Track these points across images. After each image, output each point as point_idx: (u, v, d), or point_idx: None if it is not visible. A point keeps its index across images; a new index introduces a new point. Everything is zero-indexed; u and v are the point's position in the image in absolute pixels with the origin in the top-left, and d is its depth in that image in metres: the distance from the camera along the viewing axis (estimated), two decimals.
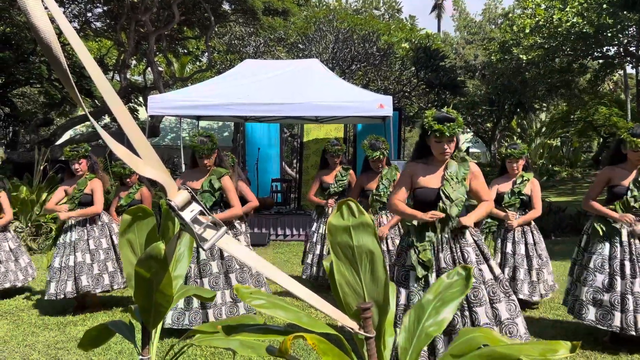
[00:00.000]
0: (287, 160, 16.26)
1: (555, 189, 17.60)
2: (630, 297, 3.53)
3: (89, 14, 15.50)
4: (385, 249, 4.85)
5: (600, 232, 3.73)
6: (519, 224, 4.64)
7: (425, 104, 18.08)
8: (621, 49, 16.75)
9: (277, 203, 10.35)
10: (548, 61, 16.94)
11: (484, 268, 2.96)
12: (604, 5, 13.32)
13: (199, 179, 4.22)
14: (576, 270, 3.96)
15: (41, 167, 9.42)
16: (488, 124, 23.86)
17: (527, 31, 15.75)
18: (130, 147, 1.18)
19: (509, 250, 4.62)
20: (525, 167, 4.74)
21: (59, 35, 1.18)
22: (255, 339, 1.51)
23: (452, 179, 2.98)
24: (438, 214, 2.96)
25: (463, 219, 3.04)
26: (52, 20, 0.97)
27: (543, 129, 24.91)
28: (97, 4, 14.93)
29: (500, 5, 25.50)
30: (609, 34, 14.34)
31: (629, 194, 3.63)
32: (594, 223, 3.81)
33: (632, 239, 3.64)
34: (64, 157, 5.07)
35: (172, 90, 12.73)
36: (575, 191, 16.79)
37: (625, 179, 3.68)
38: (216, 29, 16.04)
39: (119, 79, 16.04)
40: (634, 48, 16.44)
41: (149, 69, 15.91)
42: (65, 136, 17.99)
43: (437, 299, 1.57)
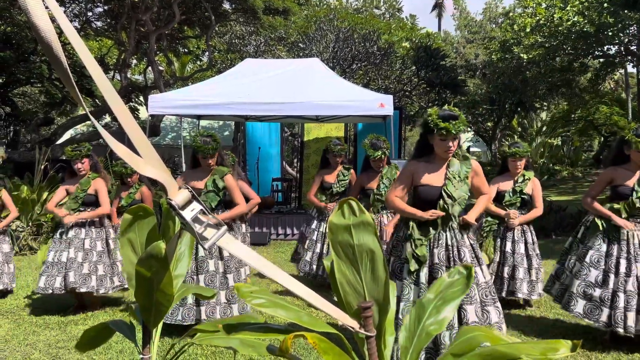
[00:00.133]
0: (287, 160, 16.26)
1: (556, 188, 17.58)
2: (621, 294, 3.55)
3: (90, 13, 15.52)
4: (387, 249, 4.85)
5: (601, 227, 3.74)
6: (520, 223, 4.64)
7: (426, 103, 18.08)
8: (622, 48, 16.72)
9: (278, 202, 10.35)
10: (549, 60, 16.91)
11: (478, 270, 2.99)
12: (605, 4, 13.31)
13: (201, 178, 4.22)
14: (569, 260, 3.96)
15: (42, 167, 9.43)
16: (489, 123, 23.86)
17: (528, 30, 15.73)
18: (130, 146, 1.18)
19: (508, 249, 4.62)
20: (526, 166, 4.75)
21: (60, 34, 1.18)
22: (255, 338, 1.51)
23: (454, 177, 2.99)
24: (438, 213, 2.96)
25: (466, 217, 3.07)
26: (52, 19, 0.97)
27: (544, 128, 24.88)
28: (98, 4, 14.94)
29: (500, 4, 25.50)
30: (610, 33, 14.31)
31: (634, 195, 3.63)
32: (595, 218, 3.81)
33: (632, 238, 3.64)
34: (65, 157, 5.06)
35: (173, 90, 12.73)
36: (576, 190, 16.78)
37: (629, 179, 3.68)
38: (217, 28, 16.04)
39: (119, 78, 16.04)
40: (635, 47, 16.41)
41: (150, 68, 15.91)
42: (66, 135, 18.00)
43: (438, 298, 1.57)
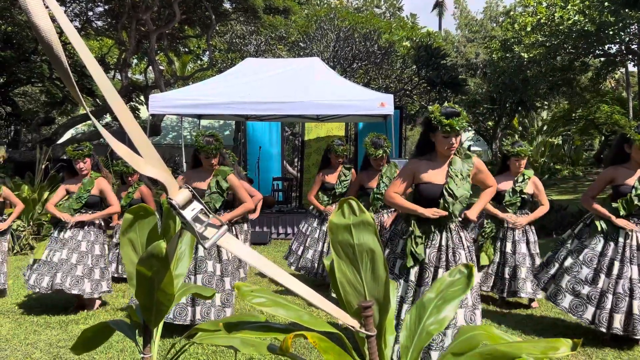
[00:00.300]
0: (288, 159, 16.27)
1: (556, 187, 17.57)
2: (610, 296, 3.56)
3: (90, 13, 15.53)
4: None
5: (599, 228, 3.73)
6: (529, 222, 4.64)
7: (427, 103, 18.08)
8: (623, 47, 16.71)
9: (279, 202, 10.36)
10: (549, 59, 16.91)
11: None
12: (606, 3, 13.29)
13: (204, 179, 4.20)
14: (560, 251, 3.96)
15: (43, 166, 9.43)
16: (489, 123, 23.85)
17: (529, 29, 15.73)
18: (131, 145, 1.18)
19: (508, 249, 4.61)
20: (525, 165, 4.75)
21: (60, 34, 1.18)
22: (256, 337, 1.51)
23: (456, 175, 2.98)
24: (441, 212, 2.96)
25: (467, 213, 3.08)
26: (53, 19, 0.98)
27: (544, 127, 24.87)
28: (98, 3, 14.94)
29: (501, 3, 25.44)
30: (611, 32, 14.30)
31: (633, 192, 3.62)
32: (595, 220, 3.81)
33: (629, 239, 3.64)
34: (67, 157, 5.04)
35: (173, 89, 12.74)
36: (577, 189, 16.77)
37: (630, 178, 3.67)
38: (217, 28, 16.04)
39: (120, 78, 16.06)
40: (636, 46, 16.39)
41: (150, 67, 15.92)
42: (67, 135, 18.02)
43: (439, 297, 1.57)
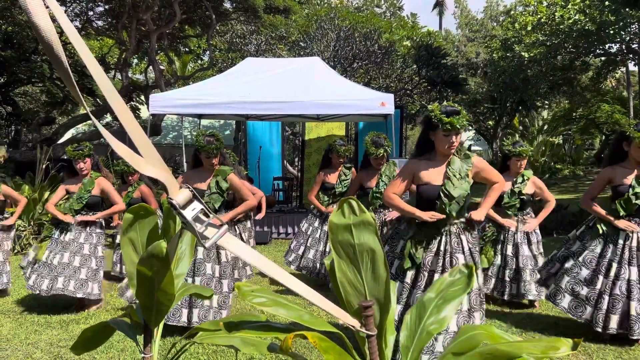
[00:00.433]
0: (288, 159, 16.27)
1: (557, 187, 17.56)
2: (606, 297, 3.56)
3: (91, 13, 15.53)
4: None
5: (600, 231, 3.73)
6: (540, 223, 4.64)
7: (427, 102, 18.07)
8: (623, 46, 16.69)
9: (279, 201, 10.36)
10: (550, 58, 16.89)
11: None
12: (606, 2, 13.28)
13: (204, 179, 4.18)
14: (563, 252, 3.97)
15: (43, 166, 9.44)
16: (490, 122, 23.83)
17: (529, 28, 15.71)
18: (131, 145, 1.18)
19: (509, 252, 4.60)
20: (526, 166, 4.75)
21: (60, 34, 1.18)
22: (257, 337, 1.51)
23: (454, 175, 2.97)
24: (438, 216, 2.95)
25: (474, 213, 3.02)
26: (53, 19, 0.98)
27: (545, 127, 24.85)
28: (99, 3, 14.94)
29: (502, 3, 25.43)
30: (611, 31, 14.29)
31: (630, 191, 3.60)
32: (596, 223, 3.80)
33: (629, 241, 3.62)
34: (66, 157, 5.03)
35: (174, 89, 12.74)
36: (578, 189, 16.76)
37: (628, 177, 3.65)
38: (217, 27, 16.04)
39: (120, 78, 16.06)
40: (637, 45, 16.37)
41: (151, 67, 15.93)
42: (67, 135, 18.02)
43: (439, 297, 1.57)
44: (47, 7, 0.95)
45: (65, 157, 11.25)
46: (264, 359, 3.52)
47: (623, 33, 15.08)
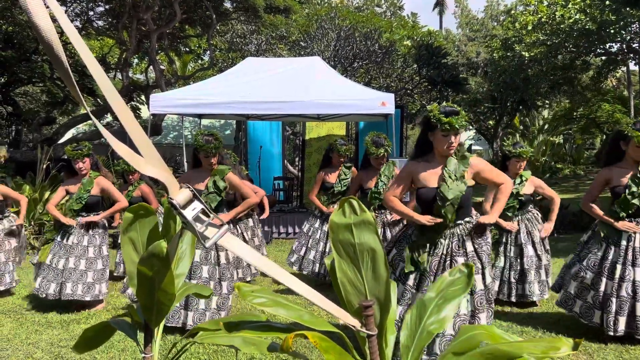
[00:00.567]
0: (289, 158, 16.27)
1: (558, 186, 17.54)
2: (614, 299, 3.54)
3: (91, 13, 15.53)
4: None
5: (602, 234, 3.72)
6: (553, 225, 4.66)
7: (428, 102, 18.06)
8: (624, 46, 16.68)
9: (280, 201, 10.36)
10: (550, 58, 16.88)
11: (477, 278, 2.91)
12: (607, 2, 13.27)
13: (204, 179, 4.18)
14: (571, 258, 4.00)
15: (44, 166, 9.44)
16: (490, 122, 23.82)
17: (530, 28, 15.70)
18: (132, 145, 1.18)
19: (513, 254, 4.59)
20: (525, 166, 4.77)
21: (61, 34, 1.18)
22: (257, 336, 1.51)
23: (449, 177, 2.94)
24: (436, 220, 2.93)
25: (483, 218, 2.95)
26: (53, 19, 0.98)
27: (546, 126, 24.85)
28: (99, 3, 14.95)
29: (502, 2, 25.43)
30: (612, 31, 14.28)
31: (627, 191, 3.58)
32: (599, 225, 3.80)
33: (632, 241, 3.61)
34: (66, 156, 5.05)
35: (174, 89, 12.74)
36: (578, 188, 16.76)
37: (624, 177, 3.62)
38: (218, 27, 16.04)
39: (121, 78, 16.06)
40: (637, 44, 16.36)
41: (151, 67, 15.93)
42: (68, 135, 18.03)
43: (439, 296, 1.57)
44: (47, 7, 0.95)
45: (65, 157, 11.25)
46: (264, 358, 3.52)
47: (624, 32, 15.07)
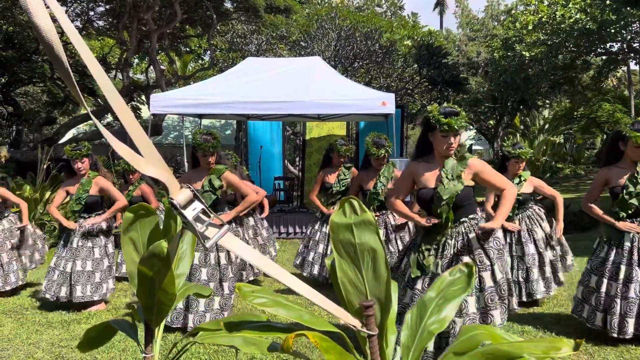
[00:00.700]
0: (289, 158, 16.26)
1: (558, 186, 17.53)
2: (619, 300, 3.52)
3: (91, 13, 15.53)
4: (394, 250, 4.84)
5: (605, 236, 3.72)
6: (561, 224, 4.68)
7: (428, 102, 18.05)
8: (624, 45, 16.67)
9: (280, 201, 10.36)
10: (551, 58, 16.87)
11: (486, 275, 2.87)
12: (607, 2, 13.26)
13: (202, 178, 4.19)
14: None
15: (44, 166, 9.45)
16: (491, 121, 23.81)
17: (530, 28, 15.70)
18: (132, 145, 1.18)
19: (515, 253, 4.59)
20: (525, 166, 4.77)
21: (61, 34, 1.18)
22: (258, 336, 1.51)
23: (446, 177, 2.93)
24: (434, 221, 2.93)
25: (488, 224, 2.88)
26: (53, 19, 0.97)
27: (546, 126, 24.83)
28: (100, 3, 14.95)
29: (502, 2, 25.41)
30: (612, 30, 14.27)
31: (624, 191, 3.56)
32: (601, 228, 3.79)
33: (635, 241, 3.59)
34: (65, 156, 5.06)
35: (175, 89, 12.74)
36: (579, 188, 16.75)
37: (623, 178, 3.60)
38: (218, 27, 16.03)
39: (121, 78, 16.06)
40: (638, 44, 16.36)
41: (152, 67, 15.93)
42: (69, 135, 18.04)
43: (440, 296, 1.56)
44: (47, 7, 0.95)
45: (65, 157, 11.26)
46: (265, 358, 3.52)
47: (624, 32, 15.06)
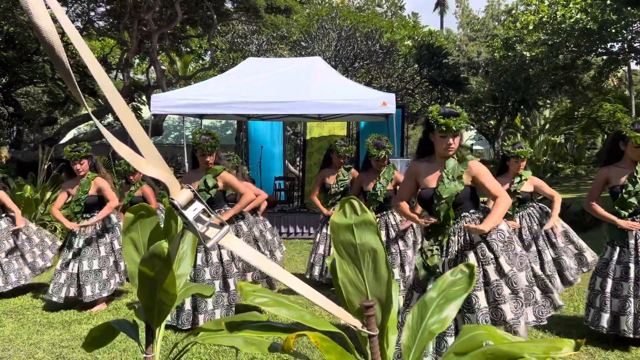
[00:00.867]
0: (290, 159, 16.26)
1: (559, 186, 17.52)
2: (632, 299, 3.49)
3: (92, 13, 15.53)
4: (397, 250, 4.84)
5: (608, 237, 3.72)
6: (559, 220, 4.64)
7: (429, 102, 18.05)
8: (625, 45, 16.65)
9: (281, 201, 10.36)
10: (552, 58, 16.86)
11: (489, 269, 2.84)
12: (608, 1, 13.25)
13: (200, 178, 4.22)
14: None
15: (45, 166, 9.45)
16: (491, 121, 23.80)
17: (531, 28, 15.69)
18: (133, 146, 1.18)
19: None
20: (526, 166, 4.78)
21: (62, 34, 1.18)
22: (259, 337, 1.51)
23: (446, 177, 2.94)
24: (430, 220, 2.94)
25: (481, 226, 2.82)
26: (54, 19, 0.97)
27: (547, 126, 24.82)
28: (100, 3, 14.95)
29: (503, 2, 25.39)
30: (613, 30, 14.26)
31: (623, 190, 3.56)
32: (604, 229, 3.79)
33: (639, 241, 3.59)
34: (65, 157, 5.08)
35: (175, 89, 12.75)
36: (580, 188, 16.74)
37: (623, 178, 3.60)
38: (219, 27, 16.03)
39: (122, 78, 16.07)
40: (638, 44, 16.34)
41: (152, 67, 15.94)
42: (69, 135, 18.05)
43: (441, 296, 1.56)
44: (48, 8, 0.95)
45: (65, 158, 11.27)
46: (265, 359, 3.52)
47: (625, 32, 15.04)
